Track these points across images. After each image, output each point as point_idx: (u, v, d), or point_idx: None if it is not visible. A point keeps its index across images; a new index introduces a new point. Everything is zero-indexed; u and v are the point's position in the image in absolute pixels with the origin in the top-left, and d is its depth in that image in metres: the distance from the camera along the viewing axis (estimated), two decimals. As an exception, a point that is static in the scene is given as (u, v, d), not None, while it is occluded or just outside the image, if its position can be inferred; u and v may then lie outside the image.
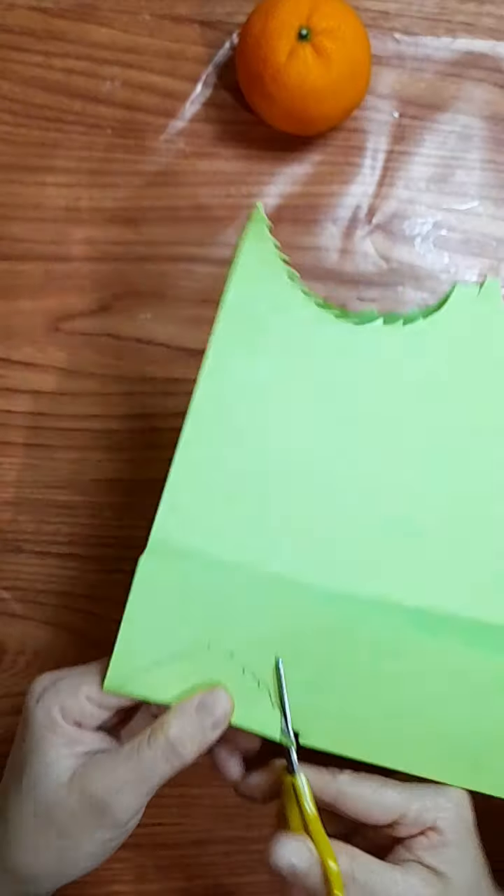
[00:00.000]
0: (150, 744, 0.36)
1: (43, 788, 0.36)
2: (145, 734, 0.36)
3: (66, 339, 0.52)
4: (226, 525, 0.38)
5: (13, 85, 0.53)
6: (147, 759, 0.36)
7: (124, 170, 0.52)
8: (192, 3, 0.53)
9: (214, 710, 0.36)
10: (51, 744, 0.36)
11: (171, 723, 0.36)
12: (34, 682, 0.38)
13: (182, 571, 0.38)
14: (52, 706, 0.37)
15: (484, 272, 0.53)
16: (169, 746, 0.36)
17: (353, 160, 0.53)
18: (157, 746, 0.36)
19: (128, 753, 0.36)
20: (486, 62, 0.53)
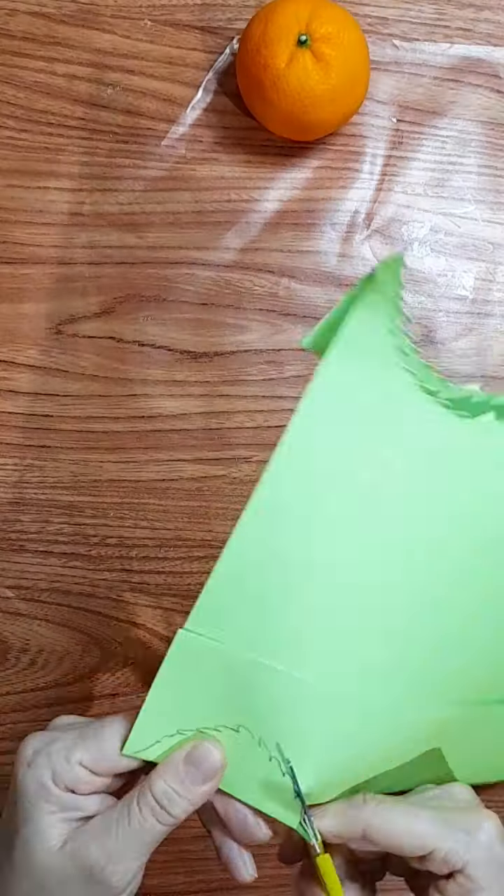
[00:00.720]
0: (139, 802, 0.34)
1: (35, 857, 0.34)
2: (134, 792, 0.35)
3: (69, 342, 0.52)
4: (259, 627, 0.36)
5: (16, 90, 0.53)
6: (136, 818, 0.34)
7: (126, 174, 0.53)
8: (192, 10, 0.54)
9: (202, 763, 0.35)
10: (42, 811, 0.34)
11: (157, 778, 0.34)
12: (24, 745, 0.36)
13: (216, 654, 0.35)
14: (44, 773, 0.34)
15: (480, 276, 0.53)
16: (156, 804, 0.34)
17: (351, 165, 0.53)
18: (146, 804, 0.34)
19: (118, 815, 0.34)
20: (483, 68, 0.54)
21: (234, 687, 0.36)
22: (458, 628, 0.37)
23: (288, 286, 0.53)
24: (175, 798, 0.34)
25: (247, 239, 0.53)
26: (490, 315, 0.53)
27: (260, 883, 0.52)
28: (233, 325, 0.53)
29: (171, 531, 0.52)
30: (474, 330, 0.53)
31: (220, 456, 0.52)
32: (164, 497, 0.52)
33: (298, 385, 0.53)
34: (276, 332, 0.53)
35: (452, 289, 0.53)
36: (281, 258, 0.53)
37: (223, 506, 0.52)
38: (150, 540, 0.52)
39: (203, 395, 0.52)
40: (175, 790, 0.34)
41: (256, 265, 0.53)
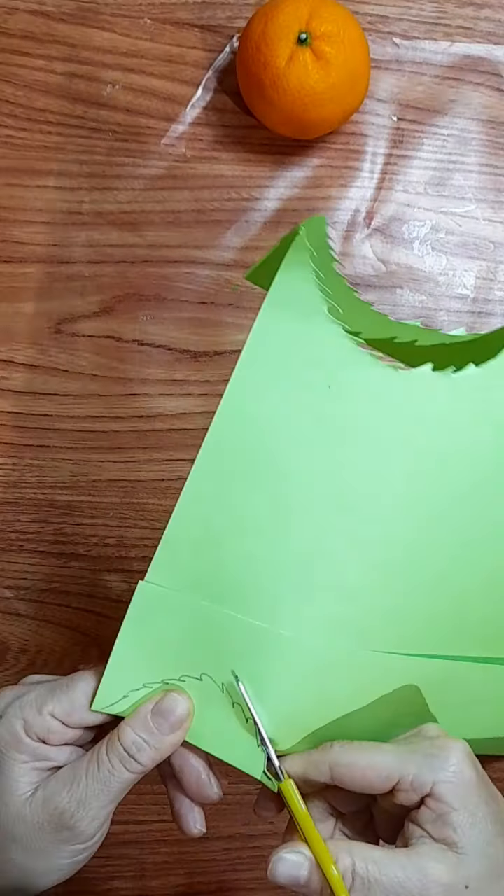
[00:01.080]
0: (108, 751, 0.35)
1: (4, 803, 0.35)
2: (103, 742, 0.36)
3: (68, 342, 0.52)
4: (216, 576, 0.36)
5: (15, 89, 0.53)
6: (106, 766, 0.35)
7: (125, 173, 0.53)
8: (192, 8, 0.53)
9: (170, 713, 0.35)
10: (13, 759, 0.35)
11: (125, 728, 0.35)
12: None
13: (176, 604, 0.36)
14: (16, 723, 0.36)
15: (481, 274, 0.53)
16: (125, 752, 0.35)
17: (352, 164, 0.53)
18: (114, 753, 0.35)
19: (88, 763, 0.35)
20: (483, 66, 0.54)
21: (195, 636, 0.36)
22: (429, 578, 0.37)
23: (288, 285, 0.53)
24: (144, 747, 0.35)
25: (247, 238, 0.53)
26: (491, 314, 0.53)
27: (258, 884, 0.52)
28: (232, 324, 0.52)
29: (171, 531, 0.52)
30: (475, 329, 0.53)
31: (219, 455, 0.52)
32: (163, 497, 0.52)
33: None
34: (276, 332, 0.53)
35: (453, 288, 0.53)
36: (281, 257, 0.53)
37: (223, 506, 0.52)
38: (150, 540, 0.52)
39: (203, 395, 0.52)
40: (144, 739, 0.35)
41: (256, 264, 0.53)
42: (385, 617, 0.37)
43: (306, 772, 0.36)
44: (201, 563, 0.36)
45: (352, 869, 0.33)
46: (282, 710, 0.36)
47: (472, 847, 0.34)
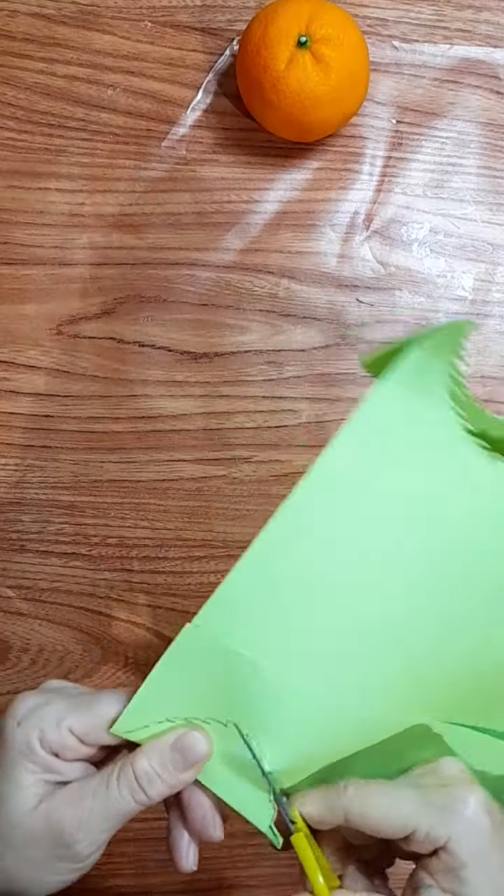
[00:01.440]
0: (119, 777, 0.35)
1: (8, 812, 0.35)
2: (116, 766, 0.35)
3: (70, 343, 0.53)
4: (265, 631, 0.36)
5: (17, 91, 0.53)
6: (114, 792, 0.34)
7: (126, 175, 0.53)
8: (192, 11, 0.54)
9: (188, 751, 0.35)
10: (24, 769, 0.35)
11: (141, 757, 0.35)
12: (17, 701, 0.36)
13: (218, 651, 0.36)
14: (32, 733, 0.35)
15: (480, 276, 0.53)
16: (136, 781, 0.34)
17: (351, 166, 0.53)
18: (125, 780, 0.35)
19: (96, 785, 0.35)
20: (482, 69, 0.54)
21: (231, 685, 0.36)
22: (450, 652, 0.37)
23: (288, 287, 0.53)
24: (155, 780, 0.35)
25: (247, 240, 0.53)
26: (489, 316, 0.53)
27: (258, 882, 0.52)
28: (233, 325, 0.53)
29: (171, 531, 0.52)
30: (473, 330, 0.53)
31: (220, 456, 0.53)
32: (164, 497, 0.53)
33: (298, 385, 0.53)
34: (276, 333, 0.53)
35: (452, 289, 0.53)
36: (281, 259, 0.53)
37: (223, 506, 0.53)
38: (150, 540, 0.53)
39: (203, 396, 0.53)
40: (157, 772, 0.35)
41: (256, 266, 0.53)
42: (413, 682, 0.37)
43: (321, 815, 0.35)
44: (253, 617, 0.36)
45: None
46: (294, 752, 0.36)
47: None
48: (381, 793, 0.35)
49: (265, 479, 0.53)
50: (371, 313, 0.53)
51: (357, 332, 0.53)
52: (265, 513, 0.52)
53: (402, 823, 0.34)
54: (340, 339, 0.53)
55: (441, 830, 0.33)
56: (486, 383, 0.53)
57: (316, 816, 0.35)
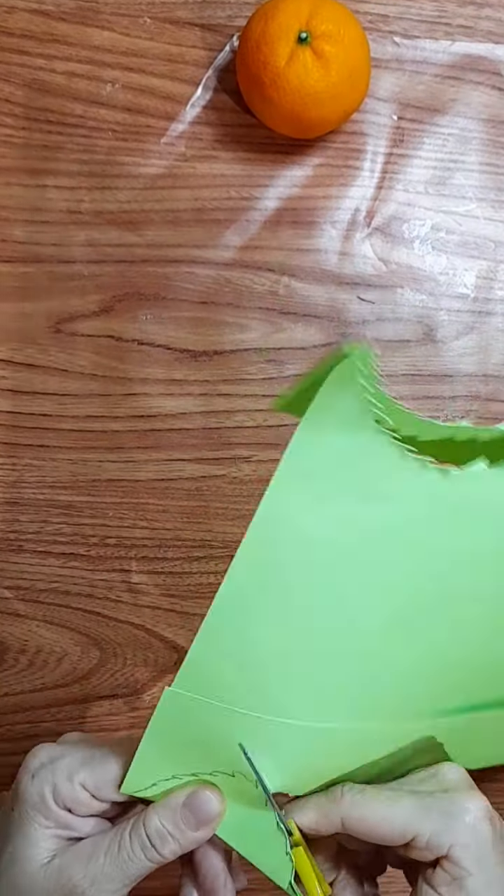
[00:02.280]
0: (132, 835, 0.34)
1: (20, 867, 0.34)
2: (129, 823, 0.35)
3: (68, 341, 0.52)
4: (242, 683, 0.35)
5: (15, 88, 0.53)
6: (126, 850, 0.34)
7: (125, 172, 0.53)
8: (192, 7, 0.53)
9: (200, 809, 0.34)
10: (37, 824, 0.34)
11: (153, 815, 0.34)
12: (31, 755, 0.36)
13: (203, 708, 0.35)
14: (45, 786, 0.34)
15: (482, 274, 0.53)
16: (147, 840, 0.34)
17: (352, 163, 0.53)
18: (137, 839, 0.34)
19: (109, 843, 0.34)
20: (484, 65, 0.54)
21: (223, 737, 0.35)
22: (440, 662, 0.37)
23: (288, 284, 0.53)
24: (167, 838, 0.34)
25: (246, 237, 0.53)
26: (491, 313, 0.53)
27: (259, 885, 0.52)
28: (232, 323, 0.52)
29: (171, 531, 0.52)
30: (476, 328, 0.53)
31: (219, 456, 0.52)
32: (163, 497, 0.52)
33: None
34: (276, 331, 0.52)
35: (454, 287, 0.53)
36: (281, 256, 0.53)
37: (223, 506, 0.52)
38: (150, 540, 0.52)
39: (202, 395, 0.52)
40: (169, 831, 0.34)
41: (256, 263, 0.53)
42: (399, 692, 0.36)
43: (318, 823, 0.35)
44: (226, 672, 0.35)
45: None
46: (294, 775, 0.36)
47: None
48: (379, 798, 0.34)
49: (265, 478, 0.52)
50: (372, 311, 0.53)
51: (358, 331, 0.53)
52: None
53: (402, 829, 0.33)
54: (341, 338, 0.53)
55: (444, 838, 0.33)
56: (489, 381, 0.53)
57: (313, 825, 0.35)
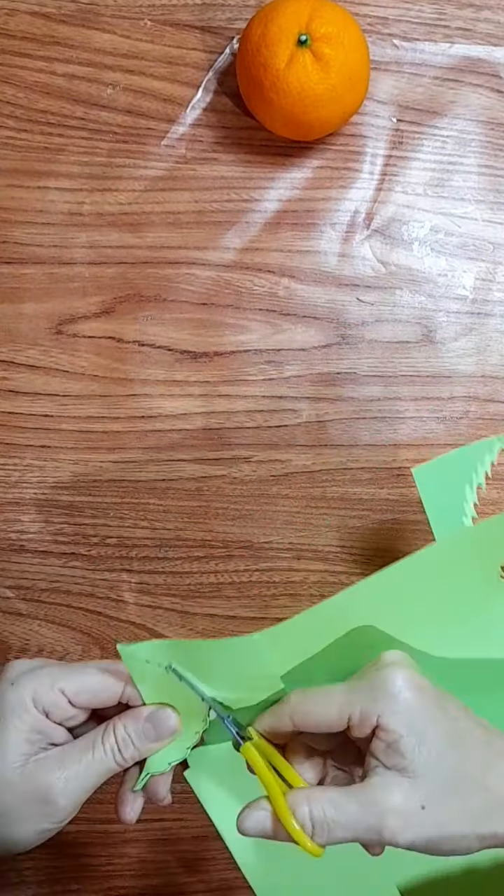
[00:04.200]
0: (104, 740, 0.38)
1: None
2: (99, 731, 0.39)
3: (69, 342, 0.52)
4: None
5: (16, 90, 0.53)
6: (99, 752, 0.38)
7: (126, 174, 0.53)
8: (192, 10, 0.53)
9: (160, 724, 0.39)
10: (14, 727, 0.37)
11: (120, 725, 0.39)
12: (10, 665, 0.39)
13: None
14: (25, 692, 0.38)
15: (480, 275, 0.53)
16: (116, 745, 0.38)
17: (351, 165, 0.53)
18: (108, 742, 0.38)
19: (82, 748, 0.38)
20: (483, 67, 0.54)
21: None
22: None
23: (288, 286, 0.53)
24: (129, 745, 0.38)
25: (246, 239, 0.53)
26: (490, 315, 0.53)
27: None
28: (233, 324, 0.53)
29: (171, 531, 0.52)
30: (474, 329, 0.53)
31: (220, 456, 0.52)
32: (163, 497, 0.52)
33: (298, 385, 0.53)
34: (276, 332, 0.53)
35: (452, 288, 0.53)
36: (281, 258, 0.53)
37: (223, 506, 0.52)
38: (150, 540, 0.52)
39: (203, 395, 0.52)
40: (132, 739, 0.38)
41: (256, 265, 0.53)
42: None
43: (272, 725, 0.38)
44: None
45: (309, 816, 0.35)
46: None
47: (422, 768, 0.35)
48: (318, 692, 0.37)
49: (265, 479, 0.53)
50: (371, 312, 0.53)
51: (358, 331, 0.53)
52: (265, 513, 0.52)
53: (338, 714, 0.36)
54: (341, 339, 0.53)
55: (371, 709, 0.36)
56: (487, 382, 0.53)
57: (268, 728, 0.38)
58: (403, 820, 0.34)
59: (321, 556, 0.52)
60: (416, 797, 0.35)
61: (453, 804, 0.35)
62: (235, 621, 0.52)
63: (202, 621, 0.52)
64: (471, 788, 0.35)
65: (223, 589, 0.52)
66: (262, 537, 0.52)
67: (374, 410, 0.53)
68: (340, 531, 0.53)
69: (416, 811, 0.35)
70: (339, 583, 0.52)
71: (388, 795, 0.35)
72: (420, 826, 0.34)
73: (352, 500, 0.52)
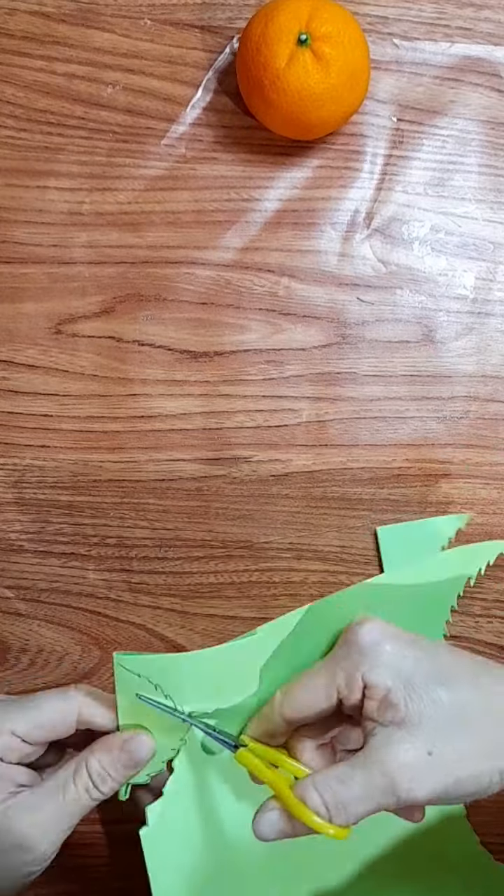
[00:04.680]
0: (76, 780, 0.37)
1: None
2: (70, 770, 0.37)
3: (69, 342, 0.52)
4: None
5: (16, 89, 0.53)
6: (72, 794, 0.37)
7: (126, 174, 0.53)
8: (192, 9, 0.53)
9: (137, 751, 0.38)
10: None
11: (93, 760, 0.38)
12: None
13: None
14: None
15: (481, 275, 0.53)
16: (91, 782, 0.37)
17: (352, 165, 0.53)
18: (81, 781, 0.37)
19: (52, 789, 0.37)
20: (483, 67, 0.54)
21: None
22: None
23: (288, 286, 0.53)
24: (107, 778, 0.38)
25: (247, 238, 0.53)
26: (490, 314, 0.53)
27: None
28: (233, 324, 0.53)
29: (171, 531, 0.52)
30: (475, 329, 0.53)
31: (219, 456, 0.52)
32: (163, 497, 0.52)
33: (299, 384, 0.53)
34: (276, 332, 0.53)
35: (453, 288, 0.53)
36: (281, 258, 0.53)
37: (223, 506, 0.52)
38: (150, 540, 0.52)
39: (203, 395, 0.52)
40: (108, 772, 0.38)
41: (256, 264, 0.53)
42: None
43: (264, 728, 0.37)
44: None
45: (321, 801, 0.33)
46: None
47: (418, 714, 0.34)
48: (299, 679, 0.37)
49: (265, 479, 0.52)
50: (372, 312, 0.53)
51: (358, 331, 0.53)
52: (265, 513, 0.52)
53: (325, 691, 0.36)
54: (341, 339, 0.53)
55: (353, 674, 0.35)
56: (488, 382, 0.53)
57: (261, 732, 0.38)
58: (414, 772, 0.33)
59: (321, 556, 0.52)
60: (420, 745, 0.33)
61: (461, 742, 0.33)
62: (235, 621, 0.52)
63: (202, 621, 0.52)
64: (476, 721, 0.34)
65: (223, 589, 0.52)
66: (262, 537, 0.52)
67: (374, 410, 0.53)
68: (340, 531, 0.52)
69: (424, 759, 0.33)
70: (339, 583, 0.52)
71: (391, 751, 0.33)
72: (433, 773, 0.33)
73: (352, 500, 0.52)
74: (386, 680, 0.34)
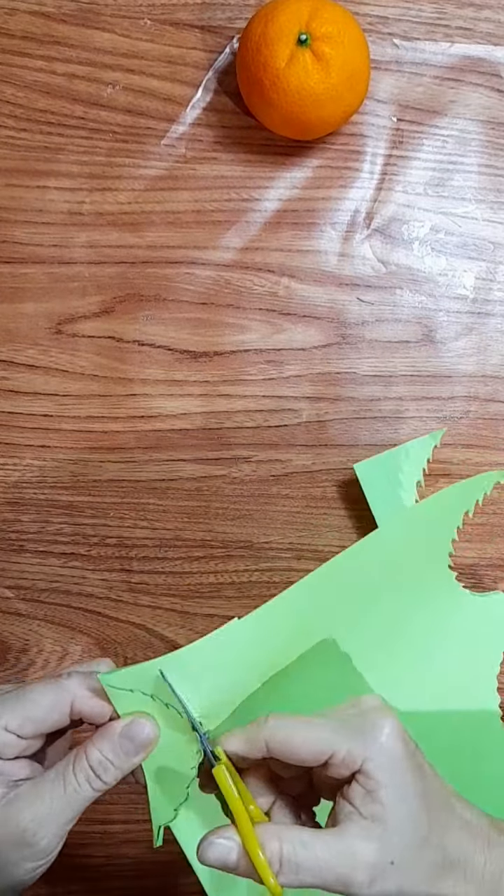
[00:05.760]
0: (76, 770, 0.36)
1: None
2: (69, 759, 0.37)
3: (69, 342, 0.52)
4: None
5: (16, 89, 0.53)
6: (72, 786, 0.36)
7: (126, 174, 0.53)
8: (192, 9, 0.53)
9: (138, 737, 0.37)
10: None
11: (93, 749, 0.37)
12: None
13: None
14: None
15: (481, 275, 0.53)
16: (92, 771, 0.36)
17: (352, 165, 0.53)
18: (81, 771, 0.36)
19: (53, 780, 0.36)
20: (483, 67, 0.54)
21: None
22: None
23: (288, 286, 0.53)
24: (109, 767, 0.37)
25: (247, 238, 0.53)
26: (490, 314, 0.53)
27: (260, 884, 0.52)
28: (233, 324, 0.53)
29: (171, 531, 0.52)
30: (475, 329, 0.53)
31: (219, 456, 0.52)
32: (163, 497, 0.52)
33: (298, 384, 0.53)
34: (276, 332, 0.53)
35: (453, 288, 0.53)
36: (281, 257, 0.53)
37: (223, 506, 0.52)
38: (150, 540, 0.52)
39: (203, 395, 0.52)
40: (110, 760, 0.37)
41: (256, 264, 0.53)
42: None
43: (244, 748, 0.36)
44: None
45: (279, 854, 0.34)
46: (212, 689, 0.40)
47: (398, 822, 0.34)
48: (300, 721, 0.36)
49: (265, 478, 0.52)
50: (372, 312, 0.53)
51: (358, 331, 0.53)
52: (265, 513, 0.52)
53: (320, 748, 0.35)
54: (341, 338, 0.53)
55: (357, 752, 0.35)
56: (488, 382, 0.53)
57: (239, 751, 0.37)
58: (373, 875, 0.34)
59: (321, 556, 0.52)
60: (388, 853, 0.34)
61: (417, 863, 0.34)
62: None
63: (202, 621, 0.52)
64: (433, 849, 0.35)
65: (223, 589, 0.52)
66: (262, 537, 0.52)
67: (374, 410, 0.53)
68: (340, 531, 0.52)
69: (385, 867, 0.34)
70: (340, 583, 0.52)
71: (363, 848, 0.34)
72: (385, 882, 0.34)
73: (351, 500, 0.52)
74: (384, 777, 0.35)
